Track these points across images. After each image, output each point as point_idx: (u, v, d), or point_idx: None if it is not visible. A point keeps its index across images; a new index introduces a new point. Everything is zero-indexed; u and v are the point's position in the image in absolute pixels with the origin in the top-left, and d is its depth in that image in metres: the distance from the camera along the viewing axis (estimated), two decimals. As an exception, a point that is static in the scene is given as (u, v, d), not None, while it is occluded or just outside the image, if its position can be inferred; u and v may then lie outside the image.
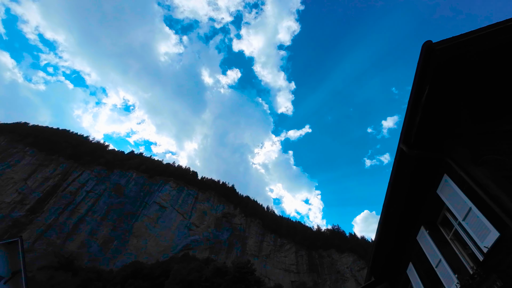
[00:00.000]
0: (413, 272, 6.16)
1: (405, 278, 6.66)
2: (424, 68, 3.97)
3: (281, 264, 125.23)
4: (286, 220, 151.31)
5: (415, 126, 4.49)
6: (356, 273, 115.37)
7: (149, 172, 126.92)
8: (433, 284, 5.58)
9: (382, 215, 6.08)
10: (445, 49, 3.80)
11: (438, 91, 4.17)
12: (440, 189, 4.98)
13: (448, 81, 4.13)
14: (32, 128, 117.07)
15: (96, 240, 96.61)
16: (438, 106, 4.36)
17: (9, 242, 16.68)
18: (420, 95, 4.20)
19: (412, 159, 5.00)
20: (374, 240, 6.80)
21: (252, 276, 38.35)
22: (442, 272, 5.19)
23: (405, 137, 4.71)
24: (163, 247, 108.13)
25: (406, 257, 6.61)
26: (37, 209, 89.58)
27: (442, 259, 5.15)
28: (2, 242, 16.44)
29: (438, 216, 5.51)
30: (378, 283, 7.69)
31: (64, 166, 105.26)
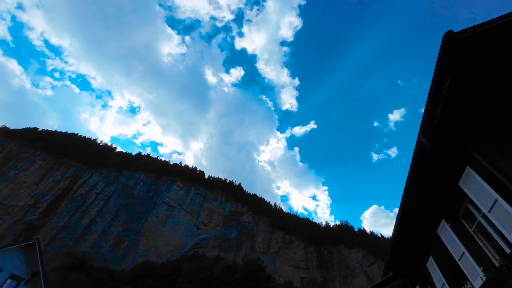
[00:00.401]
0: (434, 266, 6.10)
1: (425, 272, 6.60)
2: (445, 59, 3.89)
3: (290, 261, 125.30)
4: (294, 217, 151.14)
5: (435, 118, 4.42)
6: (366, 268, 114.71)
7: (156, 173, 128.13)
8: (455, 277, 5.52)
9: (401, 209, 6.02)
10: (468, 39, 3.72)
11: (459, 82, 4.09)
12: (463, 181, 4.89)
13: (470, 72, 4.04)
14: (41, 133, 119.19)
15: (107, 241, 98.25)
16: (459, 97, 4.28)
17: (26, 244, 17.11)
18: (441, 86, 4.12)
19: (432, 152, 4.92)
20: (392, 234, 6.75)
21: (262, 273, 38.51)
22: (466, 265, 5.12)
23: (425, 129, 4.64)
24: (173, 246, 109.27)
25: (425, 250, 6.54)
26: (49, 212, 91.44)
27: (465, 252, 5.08)
28: (20, 245, 16.87)
29: (459, 209, 5.43)
30: (395, 278, 7.62)
31: (74, 169, 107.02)
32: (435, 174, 5.36)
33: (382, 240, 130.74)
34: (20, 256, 16.85)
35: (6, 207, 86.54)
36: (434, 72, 4.03)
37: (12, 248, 16.26)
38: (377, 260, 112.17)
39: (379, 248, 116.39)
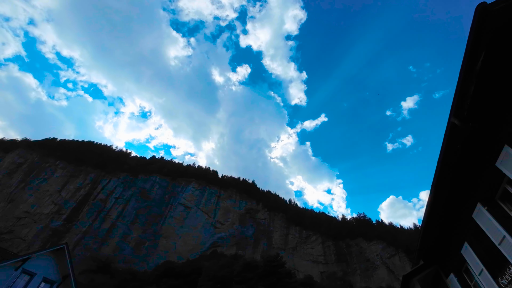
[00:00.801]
0: (470, 252, 5.86)
1: (459, 259, 6.36)
2: (479, 32, 3.68)
3: (308, 256, 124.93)
4: (310, 212, 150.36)
5: (468, 97, 4.20)
6: (387, 260, 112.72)
7: (171, 175, 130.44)
8: (496, 262, 5.28)
9: (431, 195, 5.81)
10: (503, 10, 3.50)
11: (494, 57, 3.86)
12: (500, 162, 4.65)
13: (506, 46, 3.81)
14: (60, 142, 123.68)
15: (129, 243, 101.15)
16: (495, 73, 4.04)
17: (56, 249, 17.84)
18: (474, 62, 3.92)
19: (465, 134, 4.70)
20: (422, 221, 6.53)
21: (282, 269, 38.60)
22: (508, 248, 4.88)
23: (456, 110, 4.43)
24: (192, 246, 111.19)
25: (459, 237, 6.29)
26: (72, 218, 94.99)
27: (506, 235, 4.84)
28: (50, 250, 17.62)
29: (497, 191, 5.17)
30: (427, 267, 7.39)
31: (92, 176, 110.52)
32: (468, 156, 5.12)
33: (402, 231, 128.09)
34: (51, 260, 17.61)
35: (32, 215, 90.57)
36: (466, 47, 3.83)
37: (43, 253, 17.02)
38: (398, 252, 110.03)
39: (399, 239, 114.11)
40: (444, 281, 7.07)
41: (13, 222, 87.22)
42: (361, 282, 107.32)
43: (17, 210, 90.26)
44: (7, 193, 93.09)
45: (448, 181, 5.60)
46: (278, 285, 35.37)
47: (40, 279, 16.15)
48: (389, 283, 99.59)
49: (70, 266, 17.78)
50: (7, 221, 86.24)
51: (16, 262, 15.22)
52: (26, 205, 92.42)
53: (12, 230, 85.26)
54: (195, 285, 50.33)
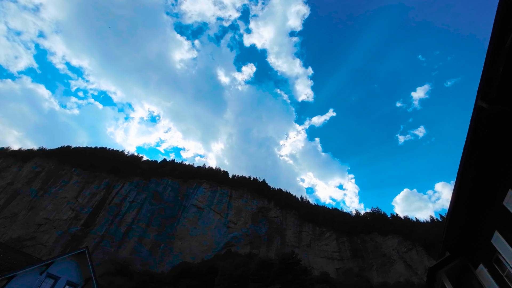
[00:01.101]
0: (501, 241, 5.61)
1: (489, 249, 6.11)
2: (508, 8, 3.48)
3: (323, 253, 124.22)
4: (323, 208, 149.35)
5: (497, 78, 3.99)
6: (404, 255, 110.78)
7: (182, 177, 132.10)
8: (531, 250, 5.04)
9: (457, 183, 5.58)
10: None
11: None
12: (533, 144, 4.42)
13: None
14: (74, 150, 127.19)
15: (145, 246, 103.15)
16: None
17: (78, 253, 18.36)
18: (503, 41, 3.72)
19: (493, 117, 4.47)
20: (448, 211, 6.31)
21: (298, 266, 38.47)
22: (545, 235, 4.65)
23: (483, 92, 4.22)
24: (206, 247, 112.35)
25: (488, 225, 6.04)
26: (90, 223, 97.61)
27: (542, 221, 4.61)
28: (72, 254, 18.14)
29: (530, 176, 4.92)
30: (453, 258, 7.13)
31: (107, 181, 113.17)
32: (497, 140, 4.87)
33: (418, 225, 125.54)
34: (73, 264, 18.12)
35: (52, 222, 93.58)
36: (493, 25, 3.64)
37: (66, 257, 17.54)
38: (415, 246, 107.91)
39: (415, 233, 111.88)
40: (472, 272, 6.82)
41: (34, 228, 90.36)
42: (378, 277, 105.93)
43: (37, 217, 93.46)
44: (27, 201, 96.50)
45: (475, 168, 5.37)
46: (294, 282, 35.26)
47: (64, 282, 16.65)
48: (407, 277, 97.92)
49: (92, 269, 18.27)
50: (28, 228, 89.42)
51: (40, 266, 15.75)
52: (45, 212, 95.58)
53: (34, 237, 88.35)
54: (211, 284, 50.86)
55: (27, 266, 15.32)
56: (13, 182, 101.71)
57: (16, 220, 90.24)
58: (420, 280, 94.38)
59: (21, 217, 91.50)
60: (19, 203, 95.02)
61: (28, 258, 18.52)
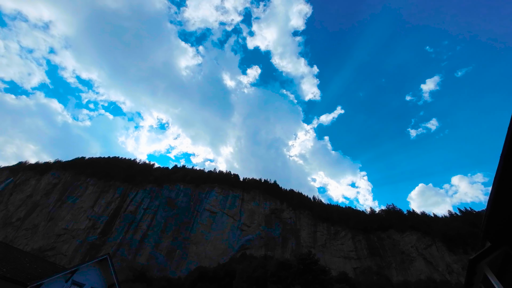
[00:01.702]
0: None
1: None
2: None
3: (339, 252, 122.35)
4: (336, 207, 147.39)
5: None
6: (423, 251, 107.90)
7: (194, 182, 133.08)
8: None
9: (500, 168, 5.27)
10: None
11: None
12: None
13: None
14: (88, 161, 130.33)
15: (161, 252, 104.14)
16: None
17: (100, 259, 18.60)
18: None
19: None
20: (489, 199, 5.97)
21: (316, 266, 37.90)
22: None
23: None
24: (221, 250, 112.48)
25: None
26: (107, 231, 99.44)
27: None
28: (95, 261, 18.38)
29: None
30: (495, 248, 6.73)
31: (121, 189, 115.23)
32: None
33: (437, 220, 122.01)
34: (96, 271, 18.37)
35: (70, 231, 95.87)
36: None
37: (89, 264, 17.82)
38: (435, 242, 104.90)
39: (434, 228, 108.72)
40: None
41: (54, 239, 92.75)
42: (398, 275, 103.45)
43: (56, 228, 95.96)
44: (46, 212, 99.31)
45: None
46: (314, 282, 34.73)
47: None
48: (428, 274, 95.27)
49: (115, 275, 18.47)
50: (49, 239, 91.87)
51: (65, 274, 16.03)
52: (64, 222, 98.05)
53: (54, 247, 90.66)
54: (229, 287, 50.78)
55: (53, 274, 15.63)
56: (32, 194, 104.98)
57: (36, 231, 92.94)
58: (442, 277, 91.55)
59: (41, 228, 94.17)
60: (38, 214, 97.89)
61: (53, 266, 18.94)
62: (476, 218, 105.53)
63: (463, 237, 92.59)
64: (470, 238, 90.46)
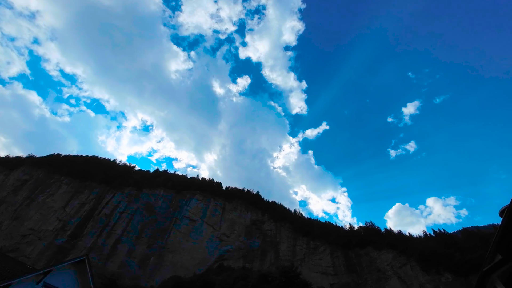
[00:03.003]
0: None
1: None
2: None
3: (317, 267, 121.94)
4: (317, 222, 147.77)
5: None
6: (398, 270, 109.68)
7: (176, 188, 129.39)
8: None
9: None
10: None
11: None
12: None
13: None
14: (64, 158, 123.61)
15: (134, 259, 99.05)
16: None
17: (77, 261, 17.15)
18: None
19: None
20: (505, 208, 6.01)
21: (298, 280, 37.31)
22: None
23: None
24: (198, 260, 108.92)
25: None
26: (77, 234, 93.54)
27: None
28: (71, 262, 16.93)
29: None
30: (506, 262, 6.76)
31: (97, 191, 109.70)
32: None
33: (412, 240, 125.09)
34: (71, 274, 16.89)
35: (37, 232, 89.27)
36: None
37: (64, 266, 16.35)
38: (409, 261, 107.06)
39: (409, 248, 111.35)
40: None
41: (18, 239, 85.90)
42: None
43: (22, 228, 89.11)
44: (12, 211, 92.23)
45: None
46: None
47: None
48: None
49: (92, 280, 17.03)
50: (12, 239, 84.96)
51: (38, 275, 14.57)
52: (31, 222, 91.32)
53: (17, 248, 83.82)
54: (206, 300, 48.69)
55: (24, 275, 14.17)
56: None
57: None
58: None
59: (4, 227, 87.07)
60: (3, 212, 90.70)
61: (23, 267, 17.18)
62: (449, 239, 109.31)
63: (437, 257, 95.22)
64: (443, 259, 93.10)
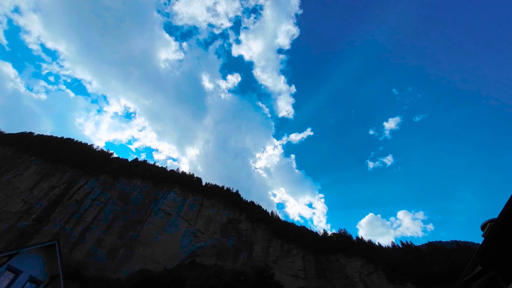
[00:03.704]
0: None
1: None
2: None
3: (289, 270, 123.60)
4: (293, 225, 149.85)
5: None
6: (365, 278, 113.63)
7: (154, 179, 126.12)
8: None
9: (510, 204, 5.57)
10: None
11: None
12: None
13: None
14: (37, 138, 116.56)
15: (102, 249, 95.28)
16: None
17: (46, 246, 16.09)
18: None
19: None
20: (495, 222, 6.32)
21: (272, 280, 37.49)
22: None
23: None
24: (170, 255, 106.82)
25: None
26: (43, 218, 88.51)
27: None
28: (39, 246, 15.86)
29: None
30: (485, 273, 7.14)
31: (69, 175, 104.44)
32: None
33: (380, 249, 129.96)
34: (38, 258, 15.79)
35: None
36: None
37: (31, 250, 15.24)
38: (376, 270, 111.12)
39: (378, 257, 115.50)
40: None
41: (-24, 219, 79.88)
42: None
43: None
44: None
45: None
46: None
47: (26, 278, 14.31)
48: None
49: (60, 266, 16.02)
50: (-32, 218, 78.86)
51: (2, 257, 13.48)
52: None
53: (-26, 229, 77.92)
54: (176, 295, 47.67)
55: (-14, 256, 13.08)
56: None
57: (-46, 207, 79.34)
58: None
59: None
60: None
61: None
62: (415, 252, 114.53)
63: (402, 268, 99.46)
64: (408, 270, 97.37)
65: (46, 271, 16.01)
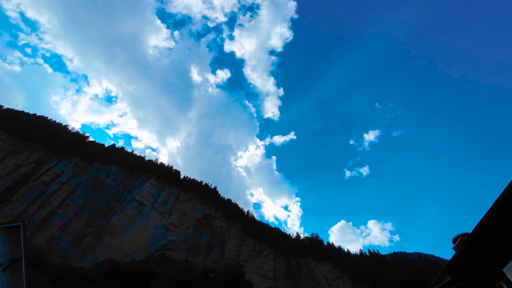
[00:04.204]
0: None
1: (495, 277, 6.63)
2: None
3: (258, 270, 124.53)
4: (267, 226, 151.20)
5: None
6: (332, 282, 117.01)
7: (130, 168, 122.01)
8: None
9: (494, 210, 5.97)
10: None
11: None
12: None
13: None
14: (6, 112, 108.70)
15: (67, 235, 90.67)
16: None
17: (9, 226, 14.98)
18: None
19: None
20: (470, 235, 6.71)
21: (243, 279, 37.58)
22: None
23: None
24: (139, 246, 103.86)
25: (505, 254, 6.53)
26: (5, 198, 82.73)
27: None
28: (2, 226, 14.74)
29: None
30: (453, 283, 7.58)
31: (39, 154, 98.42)
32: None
33: (349, 256, 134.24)
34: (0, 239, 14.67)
35: (-47, 188, 76.94)
36: None
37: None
38: (343, 275, 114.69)
39: (345, 263, 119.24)
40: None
41: None
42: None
43: None
44: None
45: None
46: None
47: (-17, 260, 13.24)
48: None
49: (24, 249, 14.99)
50: None
51: (-43, 235, 12.36)
52: None
53: None
54: None
55: None
56: None
57: None
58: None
59: None
60: None
61: None
62: (380, 261, 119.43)
63: (367, 275, 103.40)
64: (372, 277, 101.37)
65: (7, 254, 14.94)
